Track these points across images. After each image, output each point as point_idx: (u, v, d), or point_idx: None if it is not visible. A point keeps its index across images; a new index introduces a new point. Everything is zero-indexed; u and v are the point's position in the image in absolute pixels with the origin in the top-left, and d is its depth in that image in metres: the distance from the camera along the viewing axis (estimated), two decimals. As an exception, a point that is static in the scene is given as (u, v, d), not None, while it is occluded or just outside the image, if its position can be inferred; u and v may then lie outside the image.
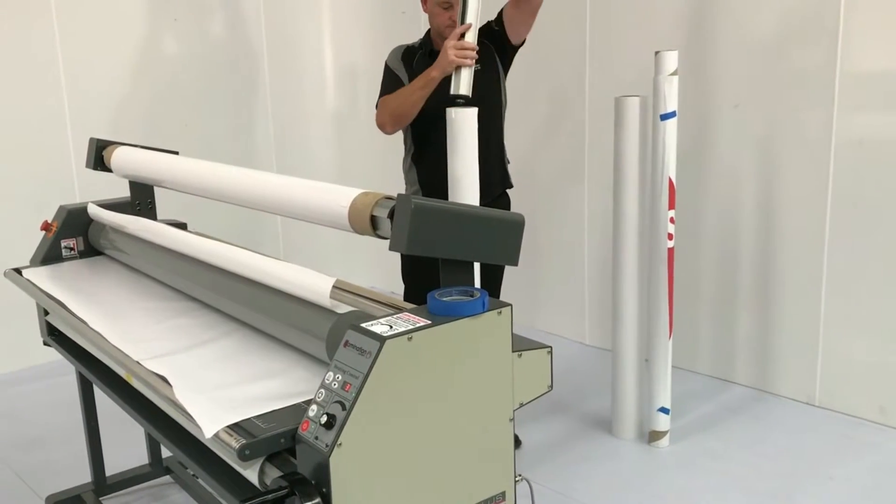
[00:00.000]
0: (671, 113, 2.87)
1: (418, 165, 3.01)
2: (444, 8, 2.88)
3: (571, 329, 4.22)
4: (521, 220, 1.54)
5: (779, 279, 3.40)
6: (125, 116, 4.22)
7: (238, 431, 1.36)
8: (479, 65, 2.79)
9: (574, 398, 3.49)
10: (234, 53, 4.61)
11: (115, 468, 2.85)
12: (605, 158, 3.41)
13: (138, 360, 1.71)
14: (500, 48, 2.97)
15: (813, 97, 3.19)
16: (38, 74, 3.99)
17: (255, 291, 1.82)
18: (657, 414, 3.08)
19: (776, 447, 3.06)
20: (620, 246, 3.05)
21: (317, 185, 1.77)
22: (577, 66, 3.93)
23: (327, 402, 1.32)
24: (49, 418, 3.47)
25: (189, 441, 1.64)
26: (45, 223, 2.60)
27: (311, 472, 1.30)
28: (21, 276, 2.42)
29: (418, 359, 1.36)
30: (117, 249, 2.48)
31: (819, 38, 3.14)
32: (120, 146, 2.59)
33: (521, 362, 1.52)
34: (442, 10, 2.88)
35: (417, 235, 1.42)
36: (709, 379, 3.66)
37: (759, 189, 3.40)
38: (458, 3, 2.76)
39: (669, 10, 3.57)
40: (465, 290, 1.48)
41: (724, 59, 3.43)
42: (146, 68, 4.30)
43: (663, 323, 3.03)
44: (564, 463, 2.99)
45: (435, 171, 2.80)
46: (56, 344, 2.39)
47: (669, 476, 2.90)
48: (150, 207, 2.65)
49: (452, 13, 2.84)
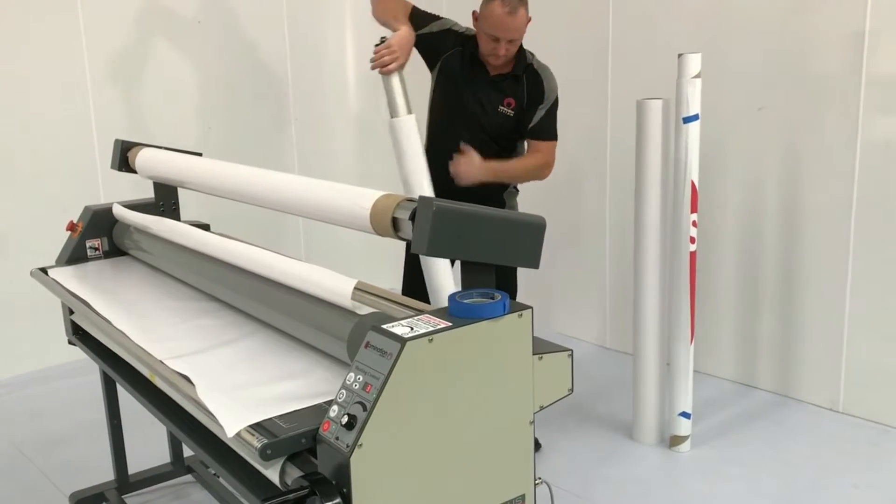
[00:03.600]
0: (694, 116, 2.85)
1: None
2: (492, 39, 2.75)
3: (592, 332, 4.20)
4: (543, 223, 1.54)
5: (802, 283, 3.37)
6: (149, 119, 4.26)
7: (260, 431, 1.37)
8: (513, 111, 2.86)
9: (594, 402, 3.48)
10: (258, 57, 4.63)
11: (137, 466, 2.87)
12: (626, 161, 3.40)
13: (161, 360, 1.73)
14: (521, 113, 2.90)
15: (838, 100, 3.16)
16: (65, 77, 4.04)
17: (276, 292, 1.83)
18: (678, 418, 3.06)
19: (798, 453, 3.03)
20: (642, 249, 3.03)
21: (339, 187, 1.78)
22: (599, 68, 3.92)
23: (348, 402, 1.32)
24: (73, 417, 3.51)
25: (211, 440, 1.65)
26: (70, 223, 2.63)
27: (332, 472, 1.31)
28: (47, 276, 2.45)
29: (439, 360, 1.36)
30: (141, 250, 2.50)
31: (845, 41, 3.11)
32: (144, 148, 2.62)
33: (542, 365, 1.52)
34: (490, 39, 2.76)
35: (438, 237, 1.42)
36: (731, 384, 3.64)
37: (783, 192, 3.38)
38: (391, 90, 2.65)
39: (692, 11, 3.55)
40: (485, 293, 1.48)
41: (748, 61, 3.40)
42: (170, 71, 4.34)
43: (685, 327, 3.01)
44: (584, 467, 2.98)
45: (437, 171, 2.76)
46: (80, 343, 2.41)
47: (690, 481, 2.88)
48: (174, 208, 2.68)
49: (499, 47, 2.74)
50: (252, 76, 4.59)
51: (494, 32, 2.72)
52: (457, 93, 2.90)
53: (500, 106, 2.88)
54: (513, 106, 2.87)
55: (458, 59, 2.88)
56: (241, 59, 4.55)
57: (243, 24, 4.57)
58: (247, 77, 4.57)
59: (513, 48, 2.79)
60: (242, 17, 4.56)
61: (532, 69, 2.88)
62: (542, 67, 2.91)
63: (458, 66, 2.89)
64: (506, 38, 2.74)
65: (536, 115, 2.88)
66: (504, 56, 2.79)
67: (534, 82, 2.87)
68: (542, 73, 2.88)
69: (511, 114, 2.88)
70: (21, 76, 3.92)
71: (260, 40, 4.64)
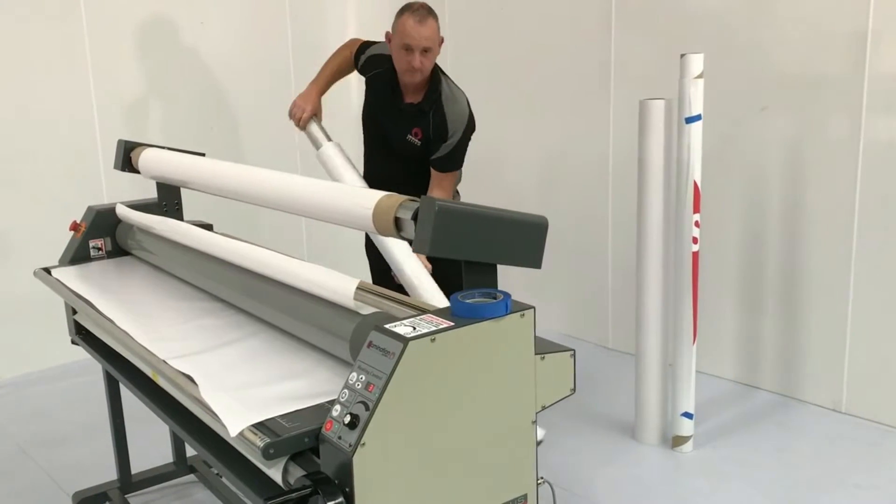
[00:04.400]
0: (696, 116, 2.85)
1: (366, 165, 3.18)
2: (405, 50, 2.80)
3: (594, 333, 4.20)
4: (545, 223, 1.54)
5: (805, 283, 3.37)
6: (152, 119, 4.27)
7: (262, 430, 1.38)
8: (420, 141, 2.94)
9: (597, 402, 3.48)
10: (260, 57, 4.64)
11: (140, 466, 2.88)
12: (629, 161, 3.40)
13: (164, 359, 1.73)
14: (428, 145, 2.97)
15: (841, 99, 3.16)
16: (68, 77, 4.05)
17: (279, 292, 1.84)
18: (681, 419, 3.06)
19: (801, 454, 3.03)
20: (644, 249, 3.03)
21: (341, 188, 1.78)
22: (601, 68, 3.92)
23: (351, 402, 1.32)
24: (76, 416, 3.52)
25: (213, 440, 1.65)
26: (73, 223, 2.64)
27: (335, 471, 1.31)
28: (50, 276, 2.46)
29: (441, 360, 1.36)
30: (144, 250, 2.51)
31: (848, 40, 3.11)
32: (147, 148, 2.62)
33: (544, 365, 1.52)
34: (404, 51, 2.81)
35: (441, 237, 1.42)
36: (733, 384, 3.64)
37: (786, 193, 3.37)
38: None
39: (695, 12, 3.55)
40: (487, 293, 1.48)
41: (751, 61, 3.40)
42: (173, 72, 4.35)
43: (687, 327, 3.01)
44: (587, 467, 2.98)
45: (373, 173, 3.05)
46: (84, 343, 2.42)
47: (692, 481, 2.88)
48: (177, 208, 2.68)
49: (413, 58, 2.78)
50: (254, 76, 4.60)
51: (406, 41, 2.78)
52: (374, 115, 3.04)
53: (409, 135, 2.95)
54: (419, 136, 2.93)
55: (381, 80, 2.98)
56: (244, 59, 4.55)
57: (245, 24, 4.58)
58: (249, 77, 4.58)
59: (427, 62, 2.81)
60: (244, 18, 4.57)
61: (439, 103, 2.90)
62: (449, 101, 2.90)
63: (379, 87, 2.99)
64: (418, 48, 2.77)
65: (441, 149, 2.92)
66: (419, 70, 2.80)
67: (439, 119, 2.90)
68: (447, 108, 2.90)
69: (418, 143, 2.95)
70: (24, 77, 3.92)
71: (262, 41, 4.64)
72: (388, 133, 3.02)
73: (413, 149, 2.97)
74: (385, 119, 3.01)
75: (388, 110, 2.99)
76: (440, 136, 2.91)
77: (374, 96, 3.04)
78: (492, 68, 4.43)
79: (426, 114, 2.92)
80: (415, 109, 2.93)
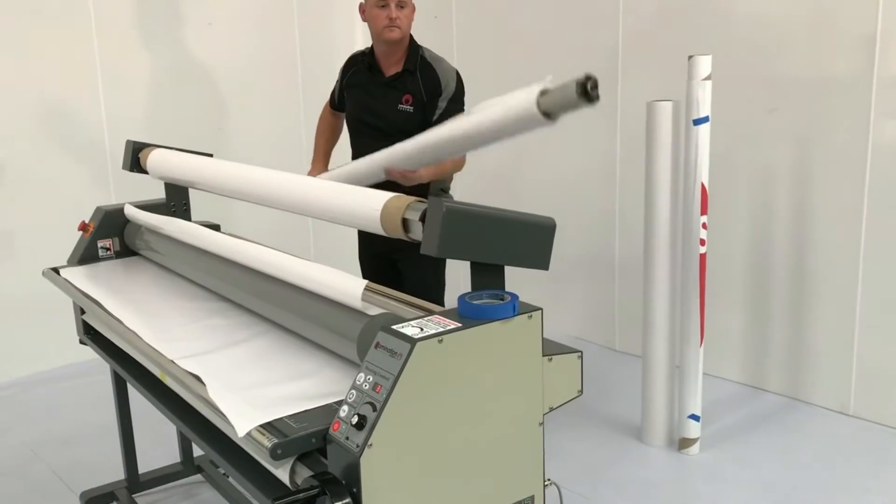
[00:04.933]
0: (704, 118, 2.85)
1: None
2: (380, 7, 2.79)
3: (600, 334, 4.20)
4: (553, 224, 1.54)
5: (813, 286, 3.36)
6: (160, 119, 4.28)
7: (270, 431, 1.38)
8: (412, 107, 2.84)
9: (603, 404, 3.47)
10: (268, 58, 4.65)
11: (147, 466, 2.89)
12: (636, 163, 3.40)
13: (172, 359, 1.74)
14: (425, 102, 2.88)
15: (849, 102, 3.15)
16: (76, 78, 4.06)
17: (287, 293, 1.84)
18: (687, 421, 3.05)
19: (809, 457, 3.02)
20: (652, 251, 3.03)
21: (349, 189, 1.78)
22: (609, 70, 3.91)
23: (358, 402, 1.33)
24: (84, 416, 3.53)
25: (221, 440, 1.66)
26: (82, 223, 2.65)
27: (342, 471, 1.31)
28: (59, 276, 2.47)
29: (448, 361, 1.36)
30: (152, 250, 2.52)
31: (856, 43, 3.10)
32: (155, 148, 2.63)
33: (552, 366, 1.52)
34: (379, 9, 2.80)
35: (449, 238, 1.43)
36: (740, 386, 3.63)
37: (794, 195, 3.37)
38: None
39: (703, 13, 3.55)
40: (495, 294, 1.48)
41: (759, 63, 3.39)
42: (181, 72, 4.36)
43: (694, 329, 3.01)
44: (593, 469, 2.98)
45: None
46: (92, 342, 2.43)
47: (699, 484, 2.87)
48: (185, 209, 2.69)
49: (390, 11, 2.78)
50: (262, 77, 4.61)
51: None
52: (360, 106, 2.98)
53: (399, 104, 2.86)
54: (411, 101, 2.86)
55: (357, 67, 2.98)
56: (252, 60, 4.56)
57: (253, 25, 4.59)
58: (257, 77, 4.59)
59: (404, 18, 2.80)
60: (253, 19, 4.58)
61: (425, 62, 2.88)
62: (435, 59, 2.90)
63: (358, 75, 2.98)
64: (393, 1, 2.78)
65: (439, 107, 2.84)
66: (398, 25, 2.79)
67: (428, 75, 2.85)
68: (434, 65, 2.88)
69: (411, 109, 2.85)
70: (33, 76, 3.94)
71: (270, 42, 4.65)
72: (378, 112, 2.91)
73: (407, 118, 2.85)
74: (372, 102, 2.93)
75: (372, 91, 2.93)
76: (433, 91, 2.84)
77: (357, 88, 2.98)
78: (498, 70, 4.43)
79: (413, 74, 2.86)
80: (400, 78, 2.88)
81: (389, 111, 2.89)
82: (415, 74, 2.87)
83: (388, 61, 2.91)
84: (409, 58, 2.89)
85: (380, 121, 2.92)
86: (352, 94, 3.02)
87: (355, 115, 3.01)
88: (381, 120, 2.91)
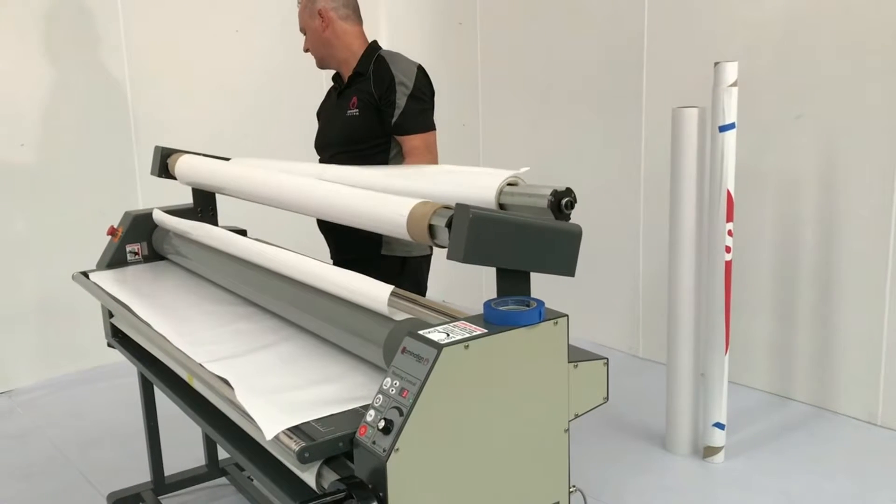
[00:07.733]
0: (730, 125, 2.83)
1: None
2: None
3: (625, 341, 4.18)
4: (579, 231, 1.54)
5: (840, 293, 3.33)
6: (187, 126, 4.32)
7: (297, 434, 1.39)
8: (358, 110, 2.64)
9: (627, 411, 3.46)
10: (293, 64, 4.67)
11: (173, 468, 2.91)
12: (661, 169, 3.39)
13: (200, 363, 1.75)
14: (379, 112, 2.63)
15: (878, 107, 3.12)
16: (106, 85, 4.12)
17: (314, 298, 1.85)
18: (712, 429, 3.03)
19: (835, 466, 2.98)
20: (677, 258, 3.02)
21: (375, 194, 1.80)
22: (634, 76, 3.91)
23: (385, 407, 1.33)
24: (111, 418, 3.57)
25: (246, 443, 1.67)
26: (111, 228, 2.68)
27: (369, 476, 1.32)
28: (88, 280, 2.50)
29: (475, 367, 1.37)
30: (180, 254, 2.54)
31: (884, 46, 3.08)
32: (183, 154, 2.66)
33: (577, 373, 1.52)
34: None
35: (475, 245, 1.43)
36: (766, 395, 3.60)
37: (821, 201, 3.34)
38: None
39: (729, 19, 3.53)
40: (521, 300, 1.48)
41: (785, 69, 3.37)
42: (209, 79, 4.40)
43: (720, 337, 2.99)
44: (618, 476, 2.97)
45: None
46: (120, 345, 2.46)
47: (724, 493, 2.85)
48: (212, 214, 2.72)
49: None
50: (288, 83, 4.64)
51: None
52: (319, 128, 2.91)
53: (348, 111, 2.67)
54: (356, 104, 2.64)
55: (327, 99, 2.91)
56: (279, 68, 4.59)
57: (280, 33, 4.61)
58: (283, 84, 4.62)
59: (310, 43, 2.79)
60: (279, 27, 4.61)
61: (380, 59, 2.65)
62: (391, 56, 2.66)
63: (324, 105, 2.92)
64: (302, 32, 2.81)
65: (397, 104, 2.56)
66: (310, 52, 2.82)
67: (380, 73, 2.60)
68: (389, 60, 2.63)
69: (357, 113, 2.64)
70: (62, 83, 4.00)
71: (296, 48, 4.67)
72: (332, 127, 2.75)
73: (356, 128, 2.63)
74: (328, 121, 2.81)
75: (329, 110, 2.82)
76: (387, 86, 2.57)
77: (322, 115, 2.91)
78: (523, 78, 4.44)
79: (363, 76, 2.65)
80: (351, 84, 2.70)
81: (339, 123, 2.71)
82: (365, 75, 2.67)
83: (346, 76, 2.76)
84: (361, 60, 2.71)
85: (332, 135, 2.76)
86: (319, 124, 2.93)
87: (316, 142, 2.89)
88: (333, 134, 2.76)
